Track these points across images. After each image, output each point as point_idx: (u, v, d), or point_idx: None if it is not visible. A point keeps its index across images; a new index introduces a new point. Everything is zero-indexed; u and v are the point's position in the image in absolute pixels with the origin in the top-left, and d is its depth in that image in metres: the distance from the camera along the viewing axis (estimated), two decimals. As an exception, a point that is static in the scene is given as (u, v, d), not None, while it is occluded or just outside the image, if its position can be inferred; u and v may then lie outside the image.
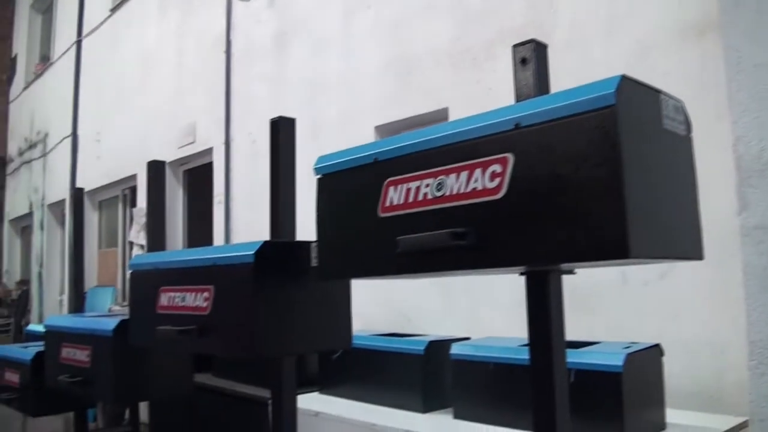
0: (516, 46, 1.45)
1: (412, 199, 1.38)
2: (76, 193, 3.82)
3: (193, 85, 6.73)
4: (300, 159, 2.04)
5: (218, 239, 6.04)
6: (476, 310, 3.66)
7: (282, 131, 2.03)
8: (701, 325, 2.80)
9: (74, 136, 9.40)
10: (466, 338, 2.88)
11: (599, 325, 2.99)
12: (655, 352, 2.43)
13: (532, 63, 1.43)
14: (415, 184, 1.38)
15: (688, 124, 1.32)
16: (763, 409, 2.27)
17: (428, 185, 1.35)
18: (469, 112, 1.35)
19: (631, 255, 1.07)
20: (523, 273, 1.43)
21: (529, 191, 1.20)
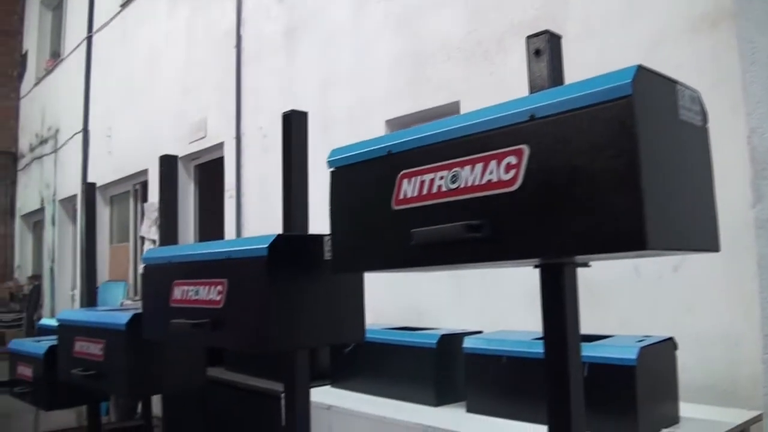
0: (530, 38, 1.44)
1: (426, 192, 1.38)
2: (89, 188, 3.83)
3: (204, 80, 6.74)
4: (310, 153, 2.04)
5: (229, 234, 6.05)
6: (488, 304, 3.65)
7: (294, 125, 2.03)
8: (715, 318, 2.78)
9: (85, 131, 9.43)
10: (478, 332, 2.88)
11: (612, 319, 2.98)
12: (669, 345, 2.42)
13: (546, 54, 1.42)
14: (430, 177, 1.37)
15: (704, 115, 1.31)
16: (778, 402, 2.26)
17: (443, 177, 1.35)
18: (481, 106, 1.34)
19: (649, 246, 1.06)
20: (537, 266, 1.42)
21: (544, 183, 1.19)
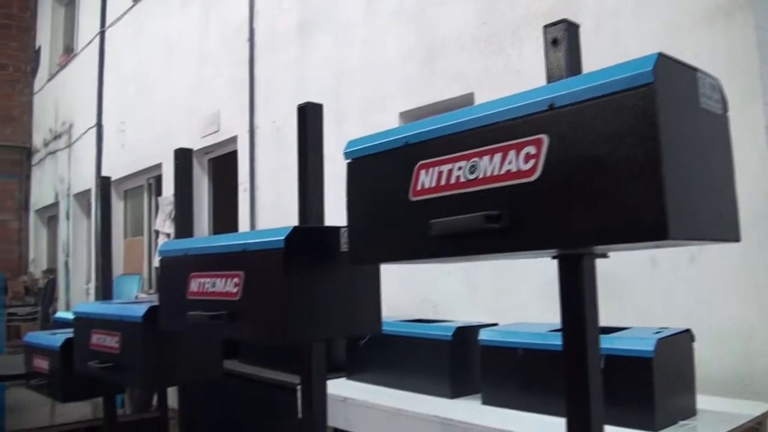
0: (547, 27, 1.43)
1: (444, 183, 1.37)
2: (103, 182, 3.84)
3: (217, 74, 6.74)
4: (324, 146, 2.04)
5: (243, 227, 6.06)
6: (503, 296, 3.64)
7: (310, 117, 2.03)
8: (731, 310, 2.76)
9: (99, 126, 9.46)
10: (494, 324, 2.87)
11: (628, 310, 2.97)
12: (686, 337, 2.40)
13: (563, 43, 1.41)
14: (447, 167, 1.37)
15: (725, 103, 1.30)
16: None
17: (461, 168, 1.34)
18: (495, 97, 1.33)
19: (670, 236, 1.05)
20: (556, 256, 1.41)
21: (564, 173, 1.18)
